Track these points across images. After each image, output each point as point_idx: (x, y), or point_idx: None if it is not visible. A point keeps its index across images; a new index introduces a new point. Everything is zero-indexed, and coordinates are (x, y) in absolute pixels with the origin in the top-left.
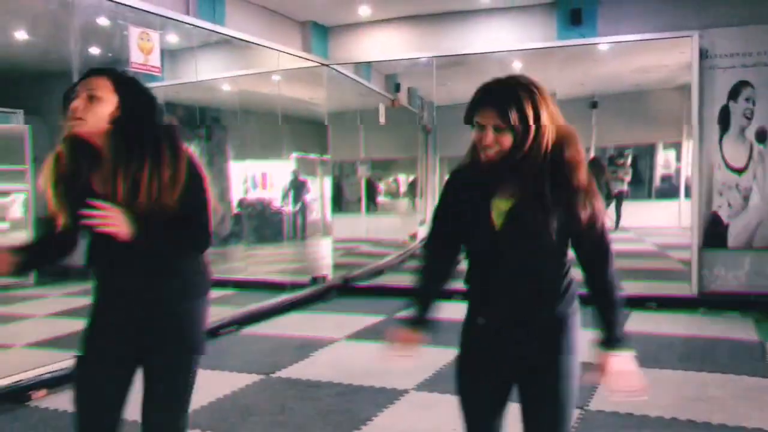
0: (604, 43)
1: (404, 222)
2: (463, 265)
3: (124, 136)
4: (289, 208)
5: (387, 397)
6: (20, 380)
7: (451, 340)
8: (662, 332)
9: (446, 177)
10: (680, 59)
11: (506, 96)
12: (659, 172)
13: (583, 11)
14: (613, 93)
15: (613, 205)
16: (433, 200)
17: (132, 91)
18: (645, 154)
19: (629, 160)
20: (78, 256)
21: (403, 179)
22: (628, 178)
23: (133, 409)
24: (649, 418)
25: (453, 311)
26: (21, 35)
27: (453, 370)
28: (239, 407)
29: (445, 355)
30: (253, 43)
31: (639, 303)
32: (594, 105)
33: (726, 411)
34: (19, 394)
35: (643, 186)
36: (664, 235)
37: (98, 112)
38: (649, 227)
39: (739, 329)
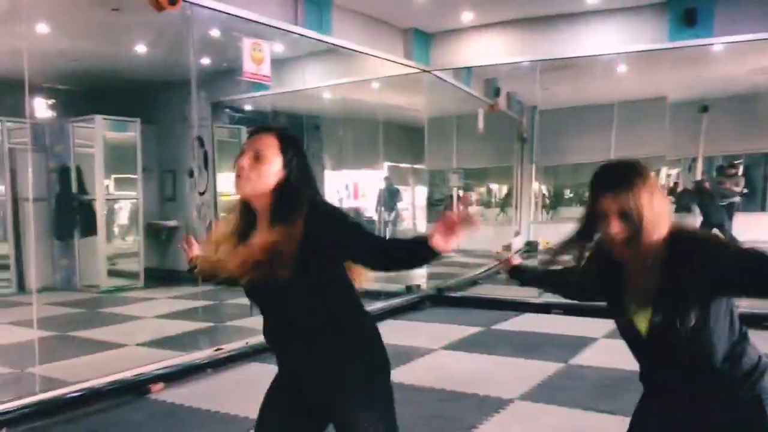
0: (719, 43)
1: (498, 232)
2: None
3: (287, 198)
4: (382, 216)
5: (491, 405)
6: (140, 374)
7: (551, 354)
8: None
9: (545, 191)
10: None
11: (624, 180)
12: None
13: (699, 10)
14: (726, 96)
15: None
16: (528, 210)
17: (296, 152)
18: (759, 163)
19: (740, 170)
20: (182, 261)
21: (498, 188)
22: (738, 188)
23: None
24: None
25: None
26: (141, 48)
27: (559, 383)
28: None
29: (546, 367)
30: (357, 51)
31: (756, 321)
32: (704, 109)
33: None
34: (139, 386)
35: (756, 197)
36: None
37: (264, 173)
38: (762, 240)
39: None
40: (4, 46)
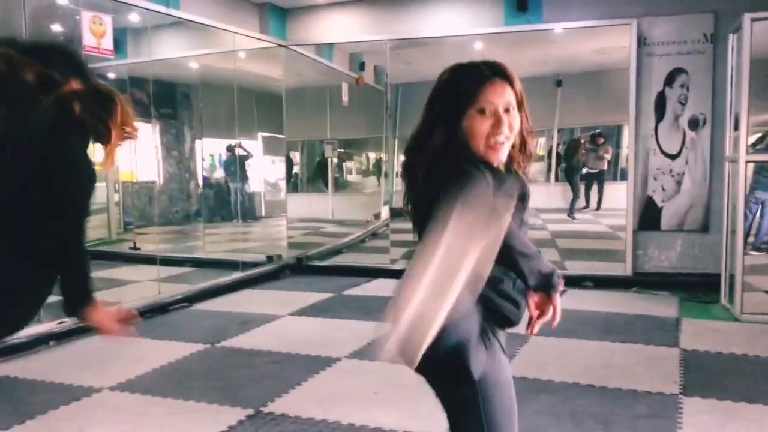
0: (546, 29)
1: (370, 201)
2: None
3: None
4: (233, 184)
5: (320, 364)
6: None
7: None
8: (590, 308)
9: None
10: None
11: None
12: (625, 153)
13: None
14: (577, 72)
15: (594, 186)
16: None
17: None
18: (611, 135)
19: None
20: None
21: (372, 158)
22: (608, 156)
23: None
24: (552, 383)
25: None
26: None
27: None
28: (182, 373)
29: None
30: (206, 24)
31: (577, 281)
32: (559, 83)
33: (624, 376)
34: None
35: (610, 168)
36: (619, 216)
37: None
38: (619, 208)
39: (663, 306)
40: None
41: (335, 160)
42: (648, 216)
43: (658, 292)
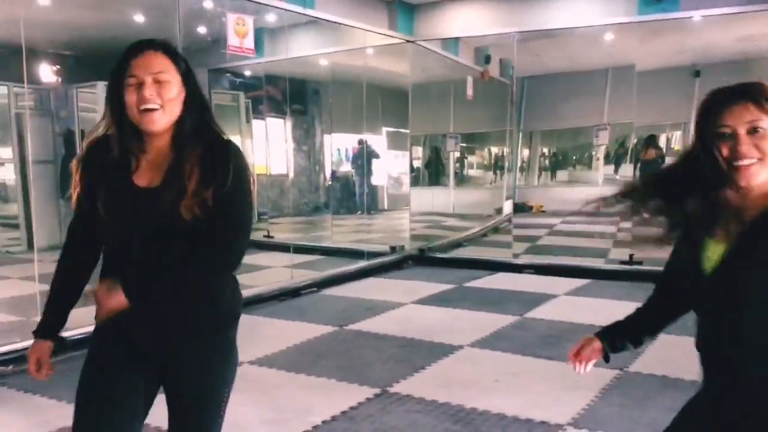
0: (683, 17)
1: (492, 196)
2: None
3: (188, 128)
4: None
5: (443, 351)
6: None
7: (510, 309)
8: None
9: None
10: None
11: (759, 93)
12: None
13: None
14: (716, 63)
15: None
16: (515, 175)
17: (190, 73)
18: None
19: None
20: None
21: (495, 153)
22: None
23: None
24: (682, 381)
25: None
26: (138, 17)
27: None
28: (313, 352)
29: (502, 319)
30: (338, 23)
31: None
32: (697, 74)
33: None
34: None
35: None
36: None
37: (172, 99)
38: None
39: None
40: (7, 14)
41: (456, 154)
42: None
43: None
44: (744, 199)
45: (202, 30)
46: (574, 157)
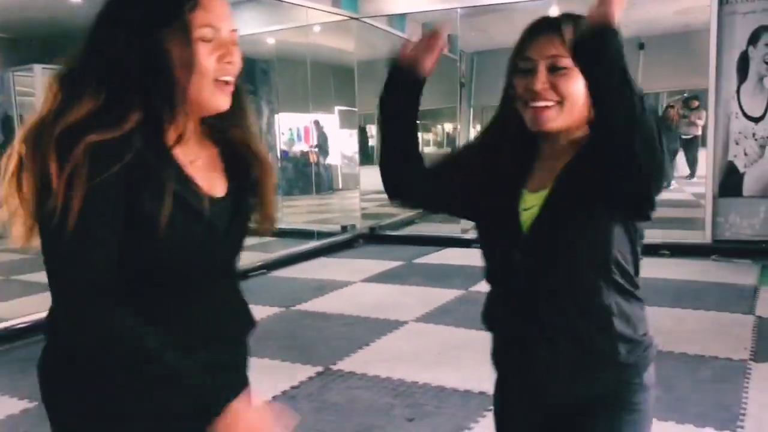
0: None
1: None
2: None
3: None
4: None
5: (388, 326)
6: None
7: (456, 283)
8: (663, 276)
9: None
10: None
11: (569, 20)
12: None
13: None
14: (659, 35)
15: (682, 152)
16: None
17: None
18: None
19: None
20: None
21: (446, 130)
22: (701, 121)
23: None
24: None
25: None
26: None
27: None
28: (259, 333)
29: (447, 294)
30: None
31: (652, 250)
32: (641, 46)
33: (692, 342)
34: None
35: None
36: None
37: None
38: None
39: (742, 274)
40: None
41: None
42: (729, 182)
43: (738, 260)
44: (553, 149)
45: None
46: None
